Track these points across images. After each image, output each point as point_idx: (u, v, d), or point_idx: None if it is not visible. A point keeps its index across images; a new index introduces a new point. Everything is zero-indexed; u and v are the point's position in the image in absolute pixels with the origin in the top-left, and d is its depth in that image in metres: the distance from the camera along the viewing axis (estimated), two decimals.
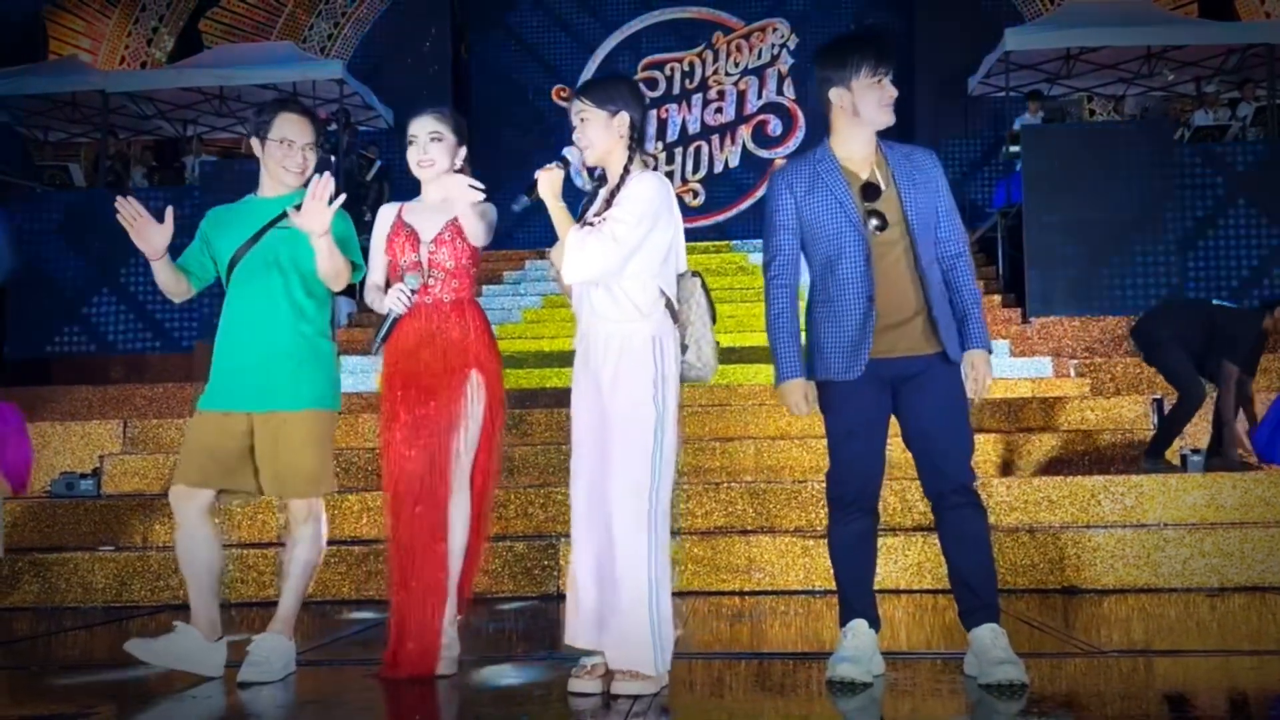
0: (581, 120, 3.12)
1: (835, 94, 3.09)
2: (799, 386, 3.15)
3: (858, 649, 3.07)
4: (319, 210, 3.18)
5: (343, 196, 3.22)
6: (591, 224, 3.04)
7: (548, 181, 3.07)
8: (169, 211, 3.31)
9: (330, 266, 3.31)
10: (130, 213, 3.27)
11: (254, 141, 3.46)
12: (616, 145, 3.13)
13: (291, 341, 3.37)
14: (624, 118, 3.12)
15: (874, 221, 3.03)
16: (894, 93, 3.07)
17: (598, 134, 3.11)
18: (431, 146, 3.38)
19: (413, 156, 3.40)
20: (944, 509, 3.11)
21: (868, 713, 2.88)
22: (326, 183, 3.18)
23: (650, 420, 2.99)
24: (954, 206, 3.16)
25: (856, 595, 3.17)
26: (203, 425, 3.36)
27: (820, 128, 3.25)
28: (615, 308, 3.04)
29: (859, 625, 3.11)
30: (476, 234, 3.33)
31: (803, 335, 3.21)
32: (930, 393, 3.07)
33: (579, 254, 2.98)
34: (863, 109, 3.05)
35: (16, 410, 5.70)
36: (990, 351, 3.11)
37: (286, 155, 3.42)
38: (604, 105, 3.10)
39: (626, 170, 3.12)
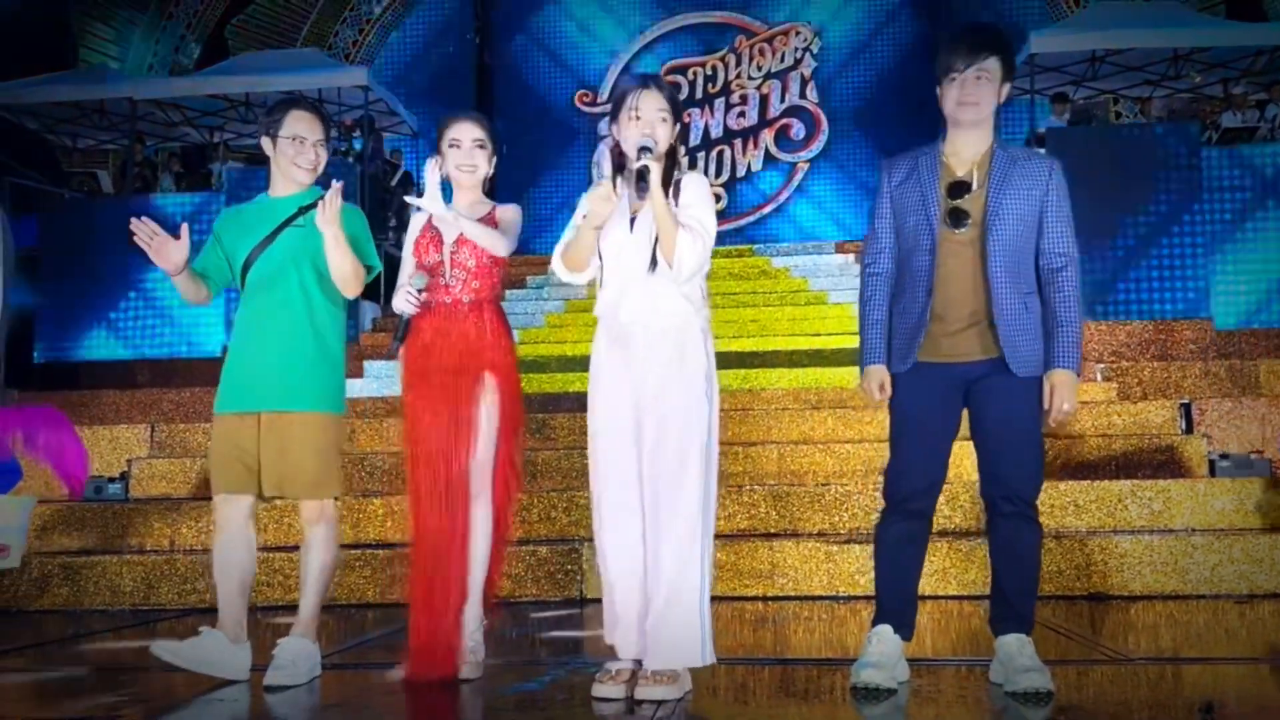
0: (663, 120, 3.10)
1: (938, 92, 3.10)
2: (877, 373, 3.13)
3: (882, 655, 3.05)
4: (329, 216, 3.24)
5: (340, 183, 3.26)
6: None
7: (657, 172, 2.99)
8: (184, 228, 3.32)
9: (339, 260, 3.32)
10: (147, 233, 3.28)
11: (265, 141, 3.48)
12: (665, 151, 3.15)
13: (307, 342, 3.39)
14: (677, 128, 3.16)
15: (950, 220, 3.01)
16: (976, 90, 3.00)
17: (665, 138, 3.11)
18: (477, 153, 3.42)
19: (455, 160, 3.41)
20: (995, 515, 3.09)
21: (892, 719, 2.87)
22: (337, 191, 3.23)
23: (705, 415, 3.04)
24: (1064, 219, 3.07)
25: (890, 599, 3.15)
26: (226, 430, 3.37)
27: (843, 133, 3.27)
28: (672, 303, 3.07)
29: (884, 631, 3.09)
30: (494, 247, 3.33)
31: None
32: (994, 398, 3.04)
33: (693, 251, 2.99)
34: (946, 106, 3.07)
35: (65, 417, 5.75)
36: (1077, 373, 3.02)
37: (299, 152, 3.43)
38: (674, 114, 3.14)
39: (672, 172, 3.14)
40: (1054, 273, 3.08)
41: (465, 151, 3.41)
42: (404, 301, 3.30)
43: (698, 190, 3.11)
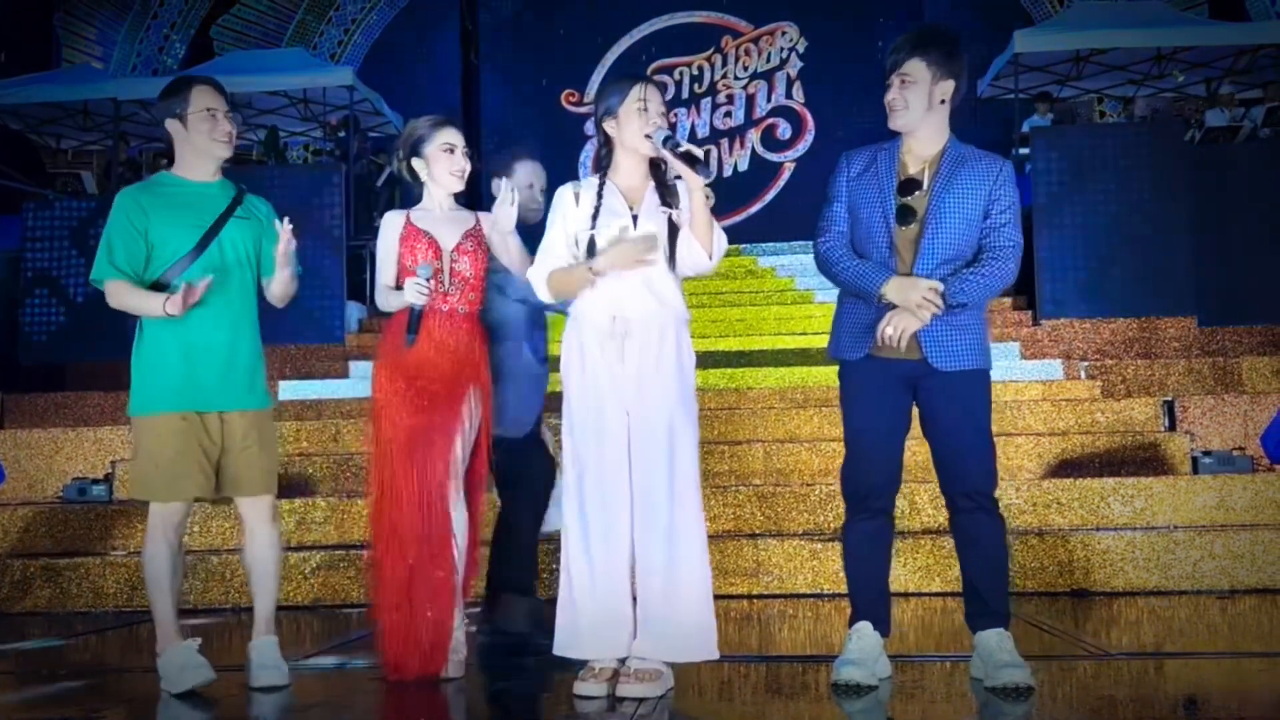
0: (662, 114, 3.14)
1: None
2: (897, 280, 3.00)
3: (862, 651, 3.06)
4: (288, 258, 3.24)
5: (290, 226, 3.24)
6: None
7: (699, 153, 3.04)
8: (205, 282, 3.18)
9: (285, 292, 3.37)
10: (179, 303, 3.16)
11: (172, 123, 3.31)
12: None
13: (257, 339, 3.39)
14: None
15: (901, 216, 3.05)
16: (896, 98, 3.06)
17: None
18: (466, 160, 3.43)
19: (450, 165, 3.40)
20: (955, 512, 3.12)
21: (874, 715, 2.88)
22: (288, 234, 3.22)
23: (695, 410, 3.13)
24: (1010, 213, 3.03)
25: (863, 597, 3.16)
26: (179, 430, 3.21)
27: (829, 133, 3.31)
28: (673, 296, 3.14)
29: (864, 628, 3.10)
30: (521, 261, 3.38)
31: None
32: (938, 398, 3.07)
33: (723, 242, 3.13)
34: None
35: None
36: (940, 307, 2.95)
37: (214, 125, 3.31)
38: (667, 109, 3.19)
39: (661, 166, 3.17)
40: (998, 249, 3.02)
41: (459, 157, 3.42)
42: (416, 293, 3.27)
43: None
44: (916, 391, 3.11)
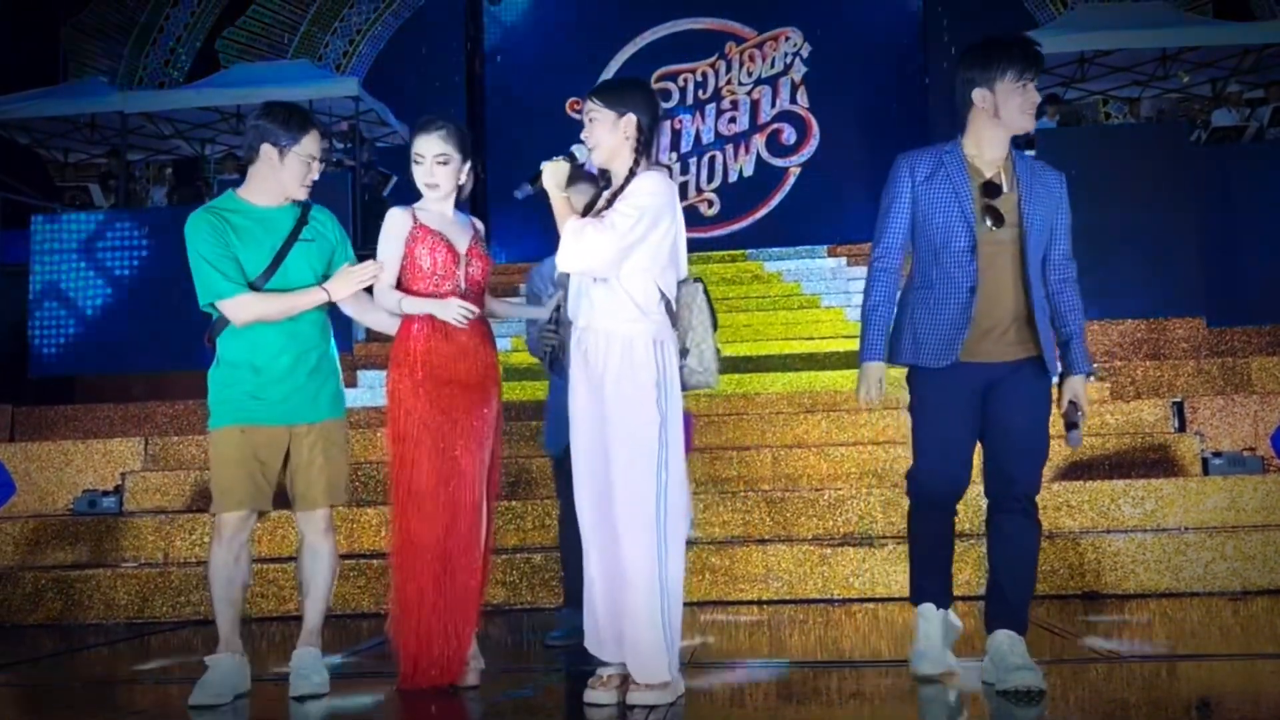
0: (590, 120, 3.13)
1: (978, 94, 3.09)
2: (876, 370, 3.15)
3: (929, 638, 3.16)
4: (350, 286, 3.32)
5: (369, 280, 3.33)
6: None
7: (551, 171, 3.09)
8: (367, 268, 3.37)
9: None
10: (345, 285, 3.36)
11: (268, 149, 3.29)
12: (623, 147, 3.12)
13: (329, 350, 3.44)
14: (631, 120, 3.11)
15: (989, 219, 3.05)
16: (1036, 98, 3.08)
17: (604, 134, 3.11)
18: (438, 170, 3.33)
19: (420, 176, 3.36)
20: (998, 512, 3.11)
21: (886, 718, 2.88)
22: (372, 270, 3.31)
23: (655, 424, 2.99)
24: (1070, 232, 3.18)
25: (928, 580, 3.24)
26: (249, 443, 3.26)
27: (834, 138, 3.29)
28: (616, 306, 3.03)
29: (927, 609, 3.19)
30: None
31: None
32: (1015, 395, 3.07)
33: (576, 242, 2.98)
34: (1004, 112, 3.06)
35: None
36: (1089, 377, 3.18)
37: (308, 173, 3.34)
38: (612, 106, 3.11)
39: (632, 172, 3.12)
40: (1065, 282, 3.19)
41: (426, 169, 3.34)
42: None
43: (634, 188, 3.06)
44: (987, 395, 3.10)
